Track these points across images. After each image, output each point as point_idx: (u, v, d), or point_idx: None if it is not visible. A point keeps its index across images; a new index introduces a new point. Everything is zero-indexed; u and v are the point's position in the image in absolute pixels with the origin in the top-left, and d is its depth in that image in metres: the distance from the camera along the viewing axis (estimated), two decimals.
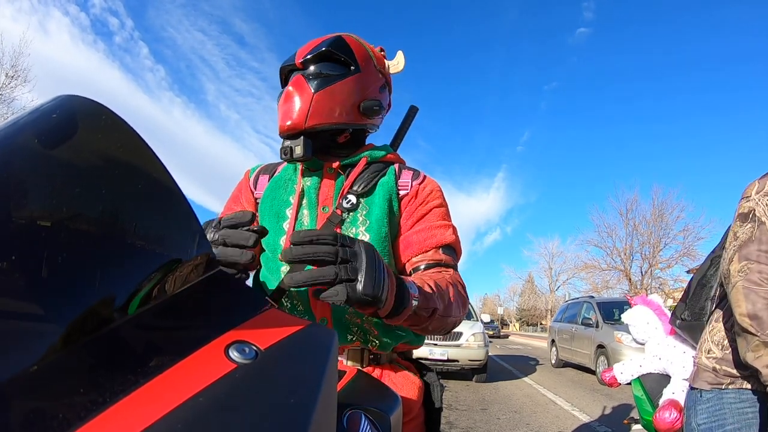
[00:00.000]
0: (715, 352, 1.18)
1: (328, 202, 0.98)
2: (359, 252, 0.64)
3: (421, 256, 0.97)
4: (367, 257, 0.64)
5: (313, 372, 0.39)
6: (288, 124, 0.95)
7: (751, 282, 1.05)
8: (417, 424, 0.94)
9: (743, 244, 1.10)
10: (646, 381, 2.30)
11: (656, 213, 24.99)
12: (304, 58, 1.00)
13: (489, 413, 5.37)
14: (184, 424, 0.30)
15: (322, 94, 0.96)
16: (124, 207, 0.39)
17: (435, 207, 1.02)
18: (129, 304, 0.36)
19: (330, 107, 0.97)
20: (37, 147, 0.38)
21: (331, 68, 1.00)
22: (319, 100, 0.95)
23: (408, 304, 0.72)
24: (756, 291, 1.04)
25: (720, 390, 1.15)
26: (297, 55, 1.01)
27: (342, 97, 0.99)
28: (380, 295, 0.64)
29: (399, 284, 0.71)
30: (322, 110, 0.96)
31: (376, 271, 0.64)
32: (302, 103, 0.94)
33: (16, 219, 0.34)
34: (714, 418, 1.14)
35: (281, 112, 0.96)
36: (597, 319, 8.99)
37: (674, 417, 1.91)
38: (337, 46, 1.00)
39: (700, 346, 1.25)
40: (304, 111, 0.94)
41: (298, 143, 0.95)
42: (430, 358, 7.07)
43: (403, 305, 0.71)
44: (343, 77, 0.99)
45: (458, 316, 0.89)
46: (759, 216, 1.10)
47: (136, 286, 0.37)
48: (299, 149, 0.95)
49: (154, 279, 0.39)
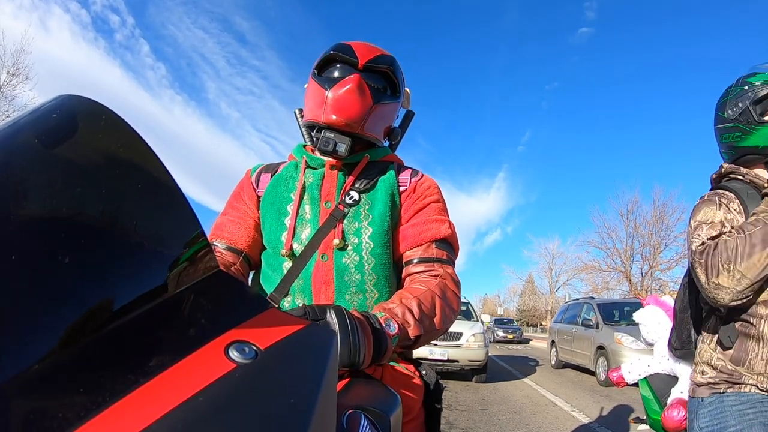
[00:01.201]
0: (708, 373, 1.21)
1: (331, 198, 1.00)
2: (333, 320, 0.65)
3: (414, 249, 0.99)
4: (341, 324, 0.65)
5: (313, 372, 0.39)
6: (345, 121, 0.97)
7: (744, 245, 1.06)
8: (417, 424, 0.94)
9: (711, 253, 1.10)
10: (654, 381, 2.31)
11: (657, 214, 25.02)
12: (369, 64, 1.03)
13: (489, 414, 5.37)
14: (184, 424, 0.30)
15: (378, 107, 1.02)
16: (124, 207, 0.39)
17: (432, 202, 1.04)
18: (129, 304, 0.36)
19: (378, 122, 1.04)
20: (38, 147, 0.38)
21: (385, 86, 1.06)
22: (375, 112, 1.01)
23: (386, 349, 0.74)
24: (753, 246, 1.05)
25: (720, 394, 1.16)
26: (359, 54, 1.02)
27: (386, 117, 1.07)
28: (358, 360, 0.66)
29: (375, 336, 0.72)
30: (373, 122, 1.02)
31: (351, 335, 0.65)
32: (362, 107, 0.98)
33: (16, 219, 0.34)
34: (716, 421, 1.15)
35: (338, 104, 0.97)
36: (597, 320, 9.00)
37: (682, 415, 1.91)
38: (396, 69, 1.07)
39: (694, 369, 1.28)
40: (362, 115, 0.98)
41: (344, 141, 0.99)
42: (430, 358, 7.07)
43: (381, 352, 0.73)
44: (392, 101, 1.07)
45: (446, 326, 0.93)
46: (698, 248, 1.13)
47: (135, 285, 0.37)
48: (344, 147, 0.98)
49: (153, 278, 0.39)
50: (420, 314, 0.84)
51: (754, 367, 1.12)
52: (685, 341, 1.50)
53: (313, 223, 0.98)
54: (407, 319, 0.82)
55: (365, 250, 0.96)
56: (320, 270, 0.95)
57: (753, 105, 1.21)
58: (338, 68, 1.04)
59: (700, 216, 1.19)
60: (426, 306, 0.87)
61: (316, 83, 1.03)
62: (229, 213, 1.07)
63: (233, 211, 1.07)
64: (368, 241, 0.97)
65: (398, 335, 0.78)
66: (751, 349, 1.13)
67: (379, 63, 1.03)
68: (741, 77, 1.27)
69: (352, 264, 0.96)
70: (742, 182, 1.22)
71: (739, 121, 1.23)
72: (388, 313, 0.81)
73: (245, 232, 1.03)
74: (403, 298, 0.87)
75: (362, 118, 0.98)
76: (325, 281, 0.94)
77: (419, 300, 0.86)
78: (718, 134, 1.32)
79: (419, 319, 0.84)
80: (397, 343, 0.79)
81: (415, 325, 0.83)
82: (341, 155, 0.99)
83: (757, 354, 1.12)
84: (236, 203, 1.07)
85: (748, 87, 1.23)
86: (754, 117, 1.20)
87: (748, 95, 1.22)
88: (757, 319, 1.12)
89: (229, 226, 1.04)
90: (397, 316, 0.81)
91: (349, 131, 0.99)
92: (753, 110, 1.21)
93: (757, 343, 1.12)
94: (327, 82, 1.01)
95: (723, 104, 1.29)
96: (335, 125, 0.98)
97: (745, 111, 1.22)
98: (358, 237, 0.96)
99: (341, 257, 0.96)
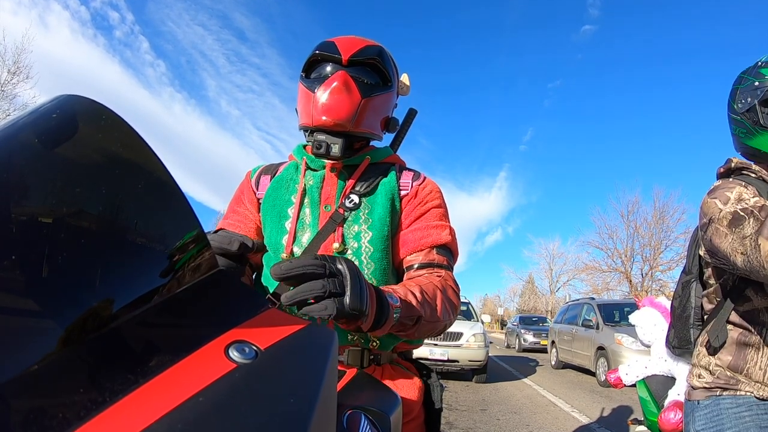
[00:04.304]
0: (705, 377, 1.20)
1: (331, 201, 0.99)
2: (343, 267, 0.65)
3: (415, 254, 0.98)
4: (350, 272, 0.65)
5: (313, 372, 0.39)
6: (334, 121, 0.95)
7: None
8: (417, 424, 0.94)
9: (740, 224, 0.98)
10: (651, 382, 2.31)
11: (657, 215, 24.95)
12: (353, 58, 0.99)
13: (489, 414, 5.37)
14: (184, 424, 0.30)
15: (369, 102, 0.99)
16: (124, 206, 0.39)
17: (433, 207, 1.03)
18: (129, 304, 0.36)
19: (371, 116, 1.01)
20: (38, 147, 0.39)
21: (374, 78, 1.03)
22: (365, 107, 0.98)
23: (388, 315, 0.74)
24: None
25: (716, 397, 1.16)
26: (342, 50, 1.00)
27: (380, 110, 1.03)
28: (365, 309, 0.66)
29: (379, 297, 0.72)
30: (365, 117, 0.99)
31: (360, 285, 0.66)
32: (351, 104, 0.95)
33: (16, 218, 0.34)
34: (712, 423, 1.15)
35: (325, 104, 0.95)
36: (597, 320, 8.99)
37: (679, 418, 1.92)
38: (384, 59, 1.03)
39: (690, 371, 1.27)
40: (351, 113, 0.96)
41: (337, 142, 0.97)
42: (430, 358, 7.07)
43: (383, 317, 0.73)
44: (384, 91, 1.03)
45: (447, 320, 0.91)
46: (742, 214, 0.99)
47: (135, 285, 0.37)
48: (337, 148, 0.97)
49: (154, 278, 0.39)
50: (422, 299, 0.83)
51: (752, 376, 1.12)
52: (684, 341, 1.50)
53: (313, 226, 0.97)
54: (409, 299, 0.80)
55: (365, 254, 0.95)
56: None
57: (761, 105, 1.11)
58: (323, 67, 1.02)
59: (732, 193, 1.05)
60: (428, 294, 0.86)
61: (304, 86, 1.02)
62: (230, 217, 1.06)
63: (234, 215, 1.06)
64: (368, 245, 0.96)
65: (399, 308, 0.77)
66: (749, 358, 1.12)
67: (365, 55, 1.00)
68: (757, 63, 1.16)
69: None
70: (754, 179, 1.13)
71: (745, 117, 1.14)
72: (389, 289, 0.80)
73: (247, 235, 1.03)
74: (405, 284, 0.86)
75: (352, 116, 0.96)
76: None
77: (421, 288, 0.85)
78: (729, 123, 1.22)
79: (421, 302, 0.82)
80: (398, 317, 0.76)
81: (416, 305, 0.81)
82: (336, 156, 0.97)
83: (756, 363, 1.11)
84: (237, 207, 1.07)
85: (759, 82, 1.12)
86: (760, 119, 1.11)
87: (758, 92, 1.11)
88: (758, 327, 1.11)
89: (231, 230, 1.03)
90: (399, 293, 0.80)
91: (341, 130, 0.97)
92: (760, 111, 1.11)
93: (756, 352, 1.11)
94: (314, 84, 0.99)
95: (735, 92, 1.19)
96: (325, 126, 0.96)
97: (752, 109, 1.12)
98: (357, 241, 0.95)
99: None
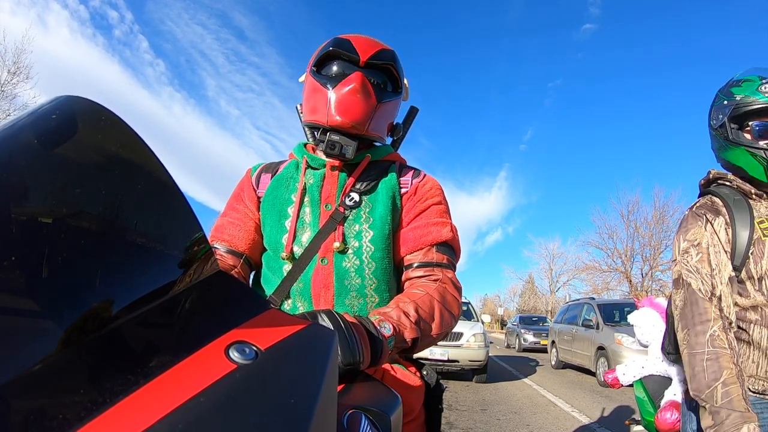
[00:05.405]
0: None
1: (331, 200, 0.98)
2: (327, 324, 0.66)
3: (415, 253, 0.98)
4: (336, 327, 0.66)
5: (313, 372, 0.39)
6: (351, 123, 0.95)
7: (691, 347, 1.11)
8: (417, 424, 0.94)
9: (681, 312, 1.16)
10: (648, 382, 2.31)
11: (657, 215, 24.95)
12: (371, 60, 0.99)
13: (489, 414, 5.37)
14: (185, 425, 0.30)
15: (383, 106, 0.99)
16: (124, 207, 0.39)
17: (433, 204, 1.02)
18: (129, 304, 0.36)
19: (382, 120, 1.02)
20: (38, 147, 0.39)
21: (387, 83, 1.04)
22: (379, 111, 0.99)
23: (383, 350, 0.75)
24: (694, 355, 1.10)
25: None
26: (360, 50, 0.99)
27: (390, 115, 1.05)
28: (359, 359, 0.67)
29: (371, 337, 0.73)
30: (379, 121, 1.00)
31: (347, 334, 0.66)
32: (368, 107, 0.96)
33: (16, 219, 0.34)
34: None
35: (342, 105, 0.95)
36: (597, 320, 8.99)
37: (675, 418, 1.92)
38: (398, 64, 1.04)
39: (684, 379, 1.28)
40: (368, 116, 0.96)
41: (351, 144, 0.97)
42: (430, 358, 7.06)
43: (378, 353, 0.74)
44: (396, 97, 1.04)
45: (445, 330, 0.92)
46: (685, 279, 1.16)
47: (136, 286, 0.37)
48: (350, 151, 0.97)
49: (154, 279, 0.39)
50: (417, 318, 0.84)
51: (746, 370, 1.14)
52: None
53: (313, 225, 0.96)
54: (403, 322, 0.82)
55: (366, 253, 0.95)
56: (320, 274, 0.93)
57: (730, 122, 1.20)
58: (338, 65, 1.00)
59: (690, 235, 1.20)
60: (424, 310, 0.86)
61: (317, 82, 1.00)
62: (229, 214, 1.05)
63: (233, 212, 1.05)
64: (369, 244, 0.95)
65: (393, 336, 0.78)
66: (742, 352, 1.15)
67: (382, 59, 1.00)
68: (730, 82, 1.26)
69: (353, 268, 0.94)
70: (729, 188, 1.23)
71: (719, 133, 1.24)
72: (382, 316, 0.81)
73: (246, 234, 1.02)
74: (399, 302, 0.87)
75: (368, 119, 0.96)
76: (325, 285, 0.93)
77: (416, 304, 0.86)
78: (710, 137, 1.32)
79: (416, 322, 0.83)
80: (393, 344, 0.78)
81: (411, 328, 0.82)
82: (348, 158, 0.97)
83: (748, 357, 1.15)
84: (236, 204, 1.05)
85: (728, 101, 1.22)
86: (729, 135, 1.20)
87: (726, 110, 1.21)
88: (747, 324, 1.14)
89: (230, 228, 1.02)
90: (392, 319, 0.81)
91: (355, 133, 0.97)
92: (729, 127, 1.20)
93: (747, 347, 1.15)
94: (328, 81, 0.98)
95: (711, 109, 1.29)
96: (341, 127, 0.95)
97: (723, 125, 1.22)
98: (358, 240, 0.95)
99: (341, 261, 0.94)
